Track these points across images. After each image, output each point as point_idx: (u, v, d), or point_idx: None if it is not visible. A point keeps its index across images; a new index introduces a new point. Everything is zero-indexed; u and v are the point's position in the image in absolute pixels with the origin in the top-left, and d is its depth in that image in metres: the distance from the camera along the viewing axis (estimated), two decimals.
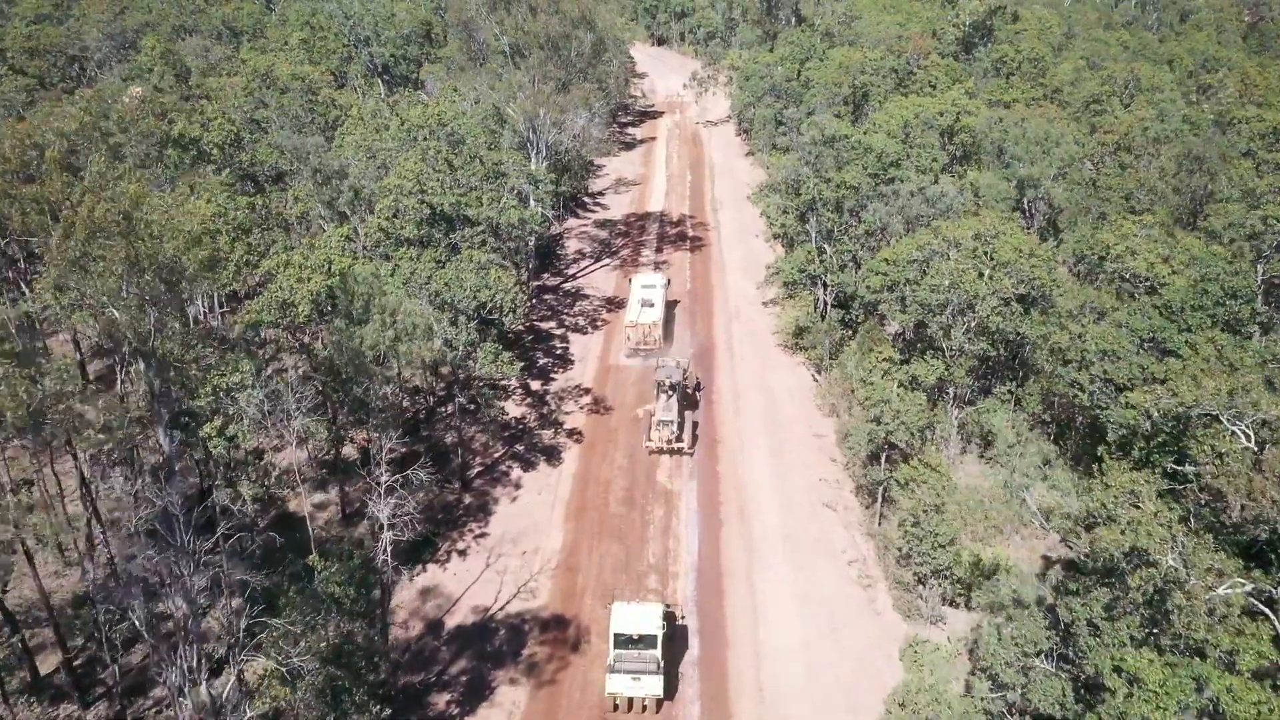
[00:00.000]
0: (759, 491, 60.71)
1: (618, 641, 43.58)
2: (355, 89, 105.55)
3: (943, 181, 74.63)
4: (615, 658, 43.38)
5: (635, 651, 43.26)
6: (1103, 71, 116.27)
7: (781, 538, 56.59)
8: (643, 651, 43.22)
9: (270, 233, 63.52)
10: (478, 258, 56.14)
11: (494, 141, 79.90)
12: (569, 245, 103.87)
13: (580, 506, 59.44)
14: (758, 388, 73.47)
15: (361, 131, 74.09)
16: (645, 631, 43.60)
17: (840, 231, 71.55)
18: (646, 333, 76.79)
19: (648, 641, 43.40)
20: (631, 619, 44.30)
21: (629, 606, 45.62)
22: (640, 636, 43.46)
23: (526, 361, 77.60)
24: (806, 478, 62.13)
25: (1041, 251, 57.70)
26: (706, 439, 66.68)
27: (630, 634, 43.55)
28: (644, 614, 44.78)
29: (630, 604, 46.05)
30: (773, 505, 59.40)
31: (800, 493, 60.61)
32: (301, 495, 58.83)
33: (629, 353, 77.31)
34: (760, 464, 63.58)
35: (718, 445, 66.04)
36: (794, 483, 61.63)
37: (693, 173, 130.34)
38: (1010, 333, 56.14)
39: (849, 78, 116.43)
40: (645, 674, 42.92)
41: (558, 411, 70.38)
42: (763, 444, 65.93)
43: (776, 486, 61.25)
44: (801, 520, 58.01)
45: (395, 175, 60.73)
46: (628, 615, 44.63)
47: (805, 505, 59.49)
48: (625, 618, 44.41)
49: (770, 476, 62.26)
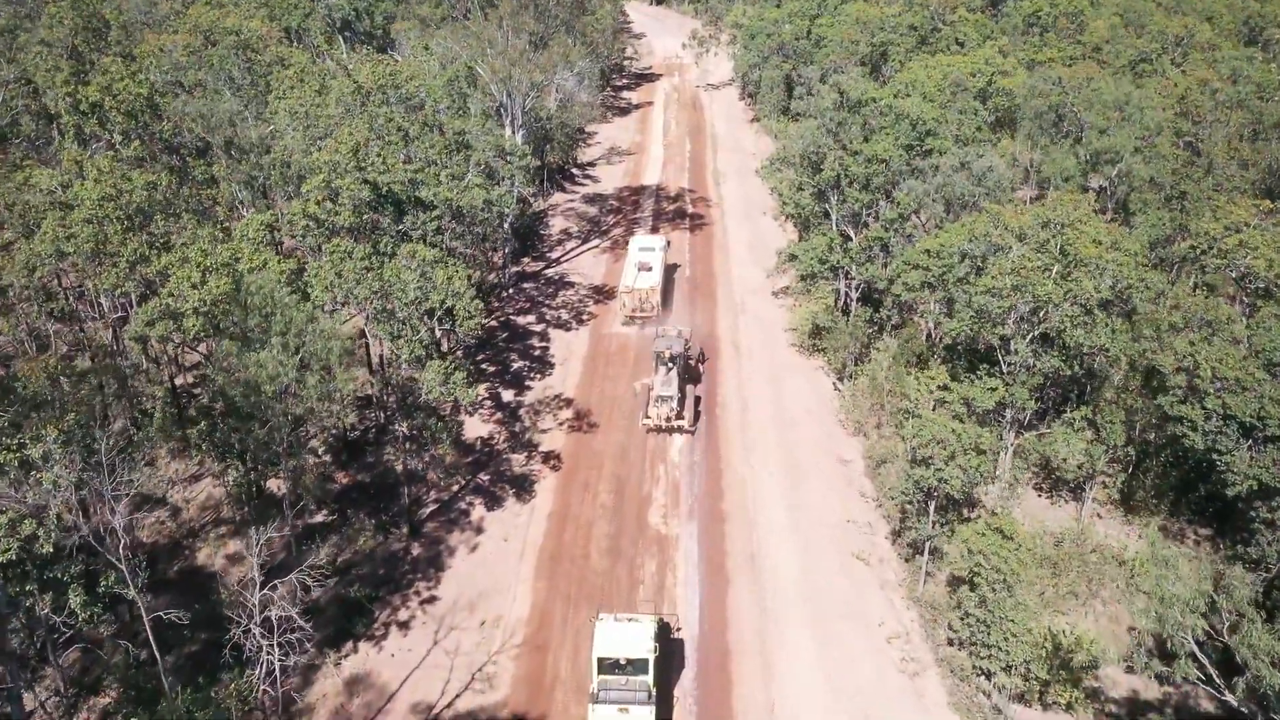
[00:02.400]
0: (773, 537, 49.70)
1: (602, 666, 38.05)
2: (313, 48, 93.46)
3: (989, 154, 63.02)
4: (599, 685, 37.97)
5: (622, 678, 37.86)
6: (1152, 27, 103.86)
7: (802, 599, 45.64)
8: (631, 678, 37.85)
9: (179, 219, 52.07)
10: (421, 253, 44.54)
11: (461, 107, 68.07)
12: (553, 224, 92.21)
13: (554, 557, 48.44)
14: (769, 398, 62.22)
15: (297, 95, 62.31)
16: (634, 655, 37.96)
17: (868, 214, 60.04)
18: (644, 299, 69.68)
19: (637, 666, 37.93)
20: (618, 640, 38.42)
21: (615, 624, 39.28)
22: (629, 661, 37.90)
23: (499, 365, 66.46)
24: (830, 518, 51.07)
25: (1129, 244, 46.20)
26: (709, 466, 55.60)
27: (616, 658, 37.92)
28: (632, 634, 38.81)
29: (617, 620, 39.58)
30: (790, 556, 48.42)
31: (824, 539, 49.60)
32: (216, 546, 47.97)
33: (625, 320, 70.44)
34: (774, 499, 52.52)
35: (723, 473, 54.95)
36: (816, 525, 50.59)
37: (692, 141, 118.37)
38: (1091, 347, 44.81)
39: (866, 35, 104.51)
40: (634, 704, 37.58)
41: (532, 429, 59.20)
42: (776, 472, 54.85)
43: (794, 530, 50.22)
44: (826, 576, 47.05)
45: (327, 149, 49.09)
46: (613, 635, 38.68)
47: (830, 555, 48.51)
48: (610, 638, 38.56)
49: (786, 516, 51.22)
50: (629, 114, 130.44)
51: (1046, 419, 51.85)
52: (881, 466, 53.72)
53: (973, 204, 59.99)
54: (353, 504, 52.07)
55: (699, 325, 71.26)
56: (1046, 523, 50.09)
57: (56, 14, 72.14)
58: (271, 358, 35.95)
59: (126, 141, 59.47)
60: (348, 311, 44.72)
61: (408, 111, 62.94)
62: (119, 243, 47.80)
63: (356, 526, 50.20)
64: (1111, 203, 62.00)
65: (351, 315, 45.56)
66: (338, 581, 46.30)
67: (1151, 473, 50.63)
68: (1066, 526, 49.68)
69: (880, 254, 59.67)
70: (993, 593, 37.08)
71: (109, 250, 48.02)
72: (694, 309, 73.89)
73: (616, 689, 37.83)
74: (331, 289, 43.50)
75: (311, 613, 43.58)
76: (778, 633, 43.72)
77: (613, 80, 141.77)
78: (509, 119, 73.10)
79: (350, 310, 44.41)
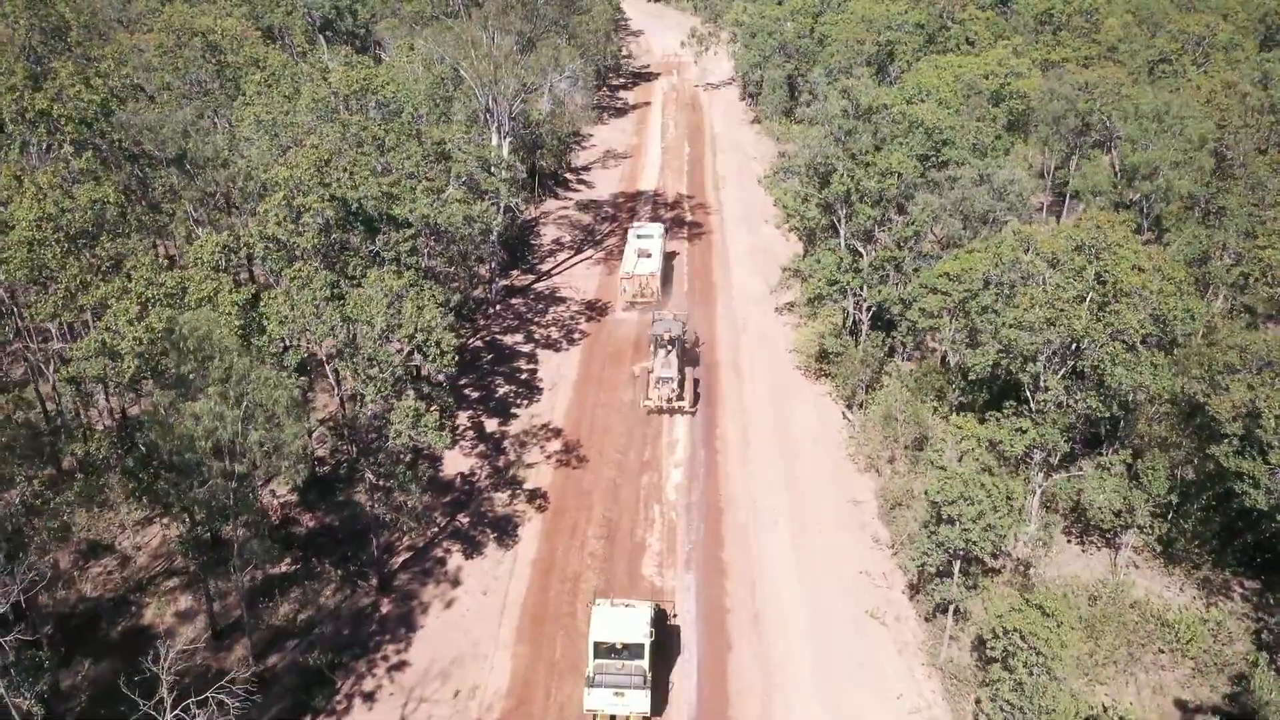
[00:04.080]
0: (779, 591, 45.26)
1: (598, 650, 38.10)
2: (293, 49, 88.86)
3: (1008, 164, 58.59)
4: (595, 669, 37.88)
5: (618, 662, 37.90)
6: (1171, 25, 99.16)
7: (812, 665, 41.19)
8: (627, 662, 37.86)
9: (129, 240, 47.56)
10: (388, 283, 39.98)
11: (444, 113, 63.58)
12: (545, 233, 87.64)
13: (537, 616, 43.97)
14: (773, 428, 57.76)
15: (264, 102, 57.79)
16: (630, 640, 38.11)
17: (881, 230, 55.56)
18: (644, 284, 71.44)
19: (633, 651, 37.99)
20: (614, 624, 38.64)
21: (612, 608, 39.55)
22: (625, 646, 38.00)
23: (483, 390, 61.97)
24: (842, 569, 46.61)
25: (1173, 270, 41.70)
26: (709, 507, 51.15)
27: (613, 642, 38.06)
28: (629, 618, 39.03)
29: (614, 605, 39.92)
30: (798, 613, 43.96)
31: (835, 593, 45.13)
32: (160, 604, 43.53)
33: (625, 306, 71.96)
34: (779, 547, 48.07)
35: (723, 516, 50.48)
36: (825, 577, 46.12)
37: (691, 144, 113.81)
38: (1134, 386, 40.30)
39: (873, 34, 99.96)
40: (630, 688, 37.48)
41: (517, 464, 54.73)
42: (782, 514, 50.39)
43: (802, 582, 45.76)
44: (838, 639, 42.56)
45: (287, 163, 44.54)
46: (610, 619, 38.89)
47: (842, 613, 44.03)
48: (607, 622, 38.76)
49: (793, 567, 46.77)
50: (626, 115, 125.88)
51: (1075, 458, 47.44)
52: (896, 509, 49.29)
53: (993, 219, 55.65)
54: (319, 549, 47.62)
55: (699, 342, 66.89)
56: (1078, 572, 45.67)
57: (10, 13, 67.62)
58: (208, 410, 31.48)
59: (79, 152, 54.89)
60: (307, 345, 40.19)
61: (385, 118, 58.53)
62: (57, 266, 43.32)
63: (321, 577, 45.81)
64: (1147, 220, 57.35)
65: (309, 350, 41.05)
66: (297, 644, 41.87)
67: (1192, 517, 46.15)
68: (1100, 577, 45.26)
69: (893, 273, 55.17)
70: (1030, 675, 32.67)
71: (46, 276, 43.58)
72: (692, 324, 69.50)
73: (612, 673, 37.73)
74: (287, 323, 38.95)
75: (265, 682, 39.38)
76: (784, 706, 39.28)
77: (609, 80, 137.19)
78: (495, 125, 68.51)
79: (309, 346, 39.90)
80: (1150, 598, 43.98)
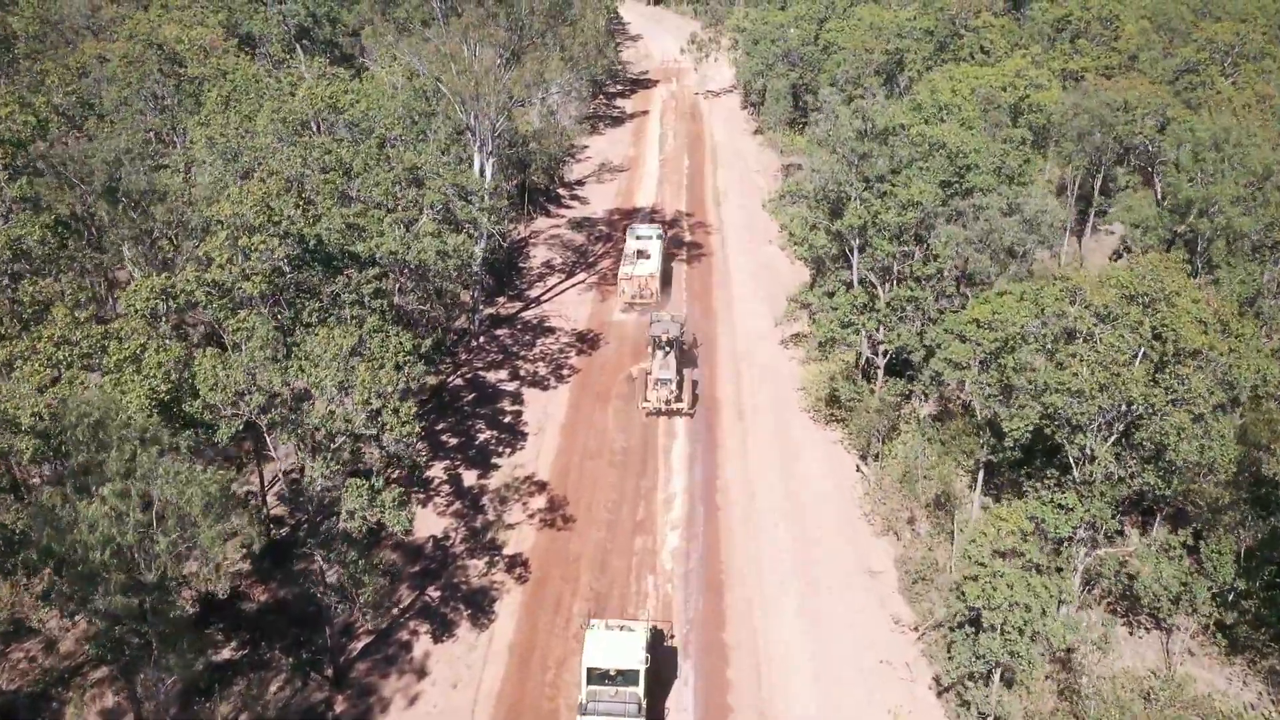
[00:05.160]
0: (788, 684, 39.87)
1: (591, 677, 36.85)
2: (270, 58, 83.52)
3: (1038, 191, 53.28)
4: (588, 695, 36.77)
5: (612, 689, 36.63)
6: (1197, 34, 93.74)
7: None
8: (621, 689, 36.60)
9: (58, 282, 42.26)
10: (337, 340, 34.58)
11: (423, 130, 58.15)
12: (535, 255, 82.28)
13: (515, 710, 38.67)
14: (779, 482, 52.42)
15: (220, 122, 52.51)
16: (625, 666, 36.82)
17: (899, 266, 50.27)
18: (643, 285, 70.76)
19: (628, 677, 36.72)
20: (608, 649, 37.28)
21: (605, 633, 38.14)
22: (619, 672, 36.71)
23: (462, 437, 56.66)
24: (859, 657, 41.22)
25: (1243, 328, 36.36)
26: (709, 578, 45.81)
27: (606, 669, 36.75)
28: (625, 642, 37.67)
29: (609, 627, 38.59)
30: (810, 712, 38.63)
31: (851, 687, 39.75)
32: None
33: (624, 307, 71.09)
34: (788, 629, 42.70)
35: (724, 589, 45.14)
36: (841, 667, 40.73)
37: (691, 156, 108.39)
38: (1204, 464, 34.99)
39: (881, 42, 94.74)
40: (624, 716, 36.35)
41: (497, 525, 49.42)
42: (791, 588, 45.03)
43: (815, 675, 40.34)
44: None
45: (232, 198, 39.15)
46: (603, 645, 37.51)
47: (860, 712, 38.68)
48: (600, 648, 37.37)
49: (804, 654, 41.37)
50: (623, 124, 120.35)
51: (1121, 528, 42.17)
52: (920, 584, 43.97)
53: (1022, 254, 50.37)
54: (269, 630, 42.26)
55: (698, 380, 61.72)
56: (1128, 663, 40.34)
57: None
58: (101, 514, 26.17)
59: (13, 179, 49.55)
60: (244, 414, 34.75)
61: (354, 139, 53.28)
62: None
63: (271, 665, 40.48)
64: (1201, 261, 51.95)
65: (243, 421, 35.57)
66: None
67: (1255, 598, 40.87)
68: (1153, 668, 39.96)
69: (913, 313, 49.86)
70: None
71: None
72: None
73: (606, 700, 36.54)
74: (220, 389, 33.57)
75: None
76: None
77: (606, 87, 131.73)
78: (477, 143, 63.11)
79: (246, 415, 34.51)
80: (1212, 693, 38.69)
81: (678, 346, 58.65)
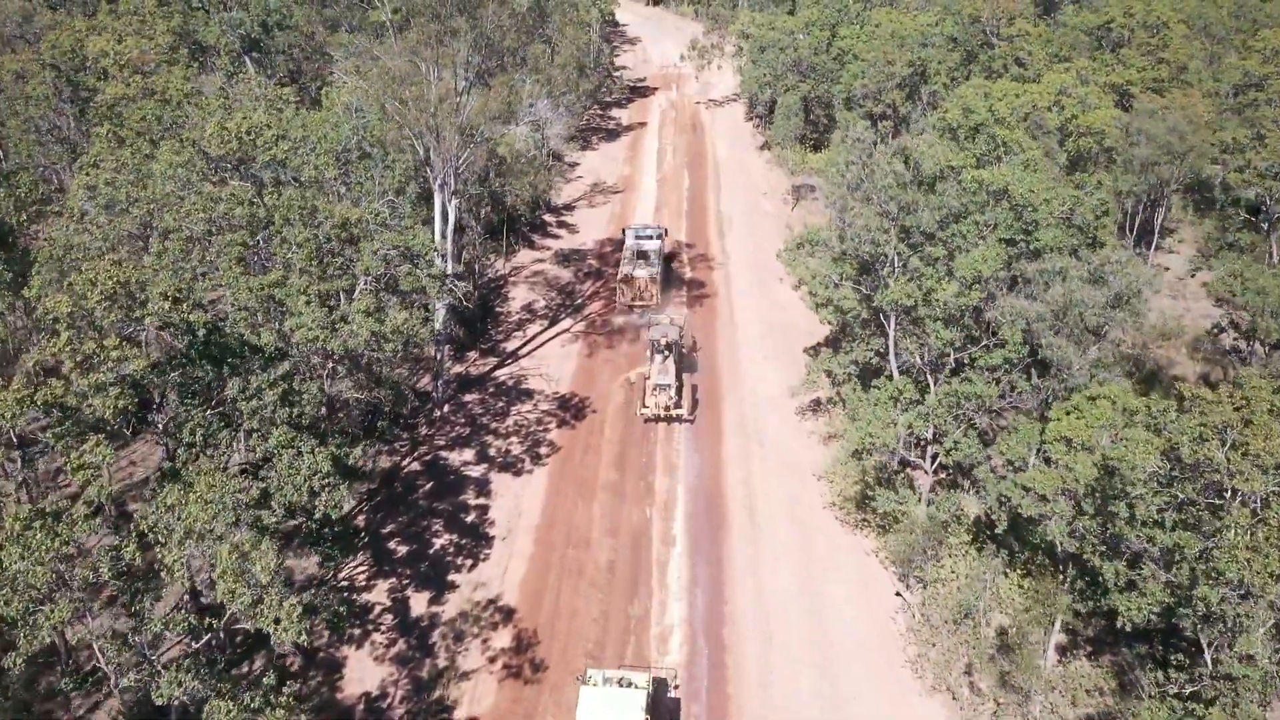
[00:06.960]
0: None
1: None
2: (217, 71, 73.50)
3: (1118, 252, 43.20)
4: None
5: None
6: (1259, 42, 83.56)
7: None
8: None
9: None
10: (193, 512, 24.54)
11: (368, 171, 48.06)
12: (514, 296, 72.22)
13: None
14: (802, 618, 42.18)
15: (114, 161, 42.47)
16: None
17: (955, 355, 40.17)
18: (642, 288, 68.70)
19: None
20: (604, 711, 33.86)
21: (603, 687, 34.94)
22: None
23: (413, 543, 46.70)
24: None
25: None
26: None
27: None
28: (623, 701, 34.30)
29: (606, 679, 35.35)
30: None
31: None
32: None
33: (623, 310, 68.88)
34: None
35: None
36: None
37: (692, 174, 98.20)
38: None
39: (904, 53, 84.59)
40: None
41: (448, 675, 39.40)
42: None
43: None
44: None
45: (79, 283, 29.18)
46: (598, 707, 34.07)
47: None
48: (595, 710, 33.97)
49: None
50: (618, 138, 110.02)
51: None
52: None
53: (1106, 331, 40.29)
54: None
55: (703, 467, 51.84)
56: None
57: None
58: None
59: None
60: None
61: (275, 186, 43.25)
62: None
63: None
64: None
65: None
66: None
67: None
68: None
69: (974, 411, 39.74)
70: None
71: None
72: (694, 435, 54.48)
73: None
74: (16, 596, 23.53)
75: None
76: None
77: (601, 96, 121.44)
78: (437, 181, 52.89)
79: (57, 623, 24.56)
80: None
81: (677, 350, 56.86)
